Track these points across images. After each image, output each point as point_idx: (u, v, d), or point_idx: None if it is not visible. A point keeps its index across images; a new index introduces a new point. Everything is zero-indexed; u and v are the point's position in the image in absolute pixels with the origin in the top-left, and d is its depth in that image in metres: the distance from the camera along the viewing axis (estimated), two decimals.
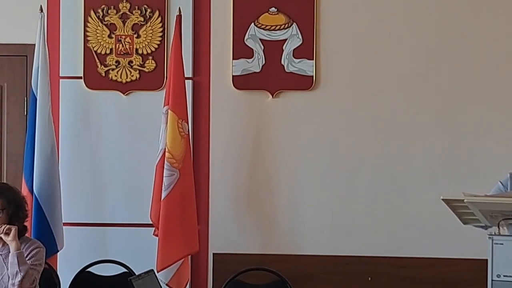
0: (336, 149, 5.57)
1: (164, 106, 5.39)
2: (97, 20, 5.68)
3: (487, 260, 3.99)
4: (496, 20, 5.48)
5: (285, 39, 5.61)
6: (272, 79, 5.60)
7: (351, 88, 5.58)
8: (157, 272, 5.06)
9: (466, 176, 5.42)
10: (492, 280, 3.94)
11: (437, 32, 5.52)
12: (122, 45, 5.68)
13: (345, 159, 5.56)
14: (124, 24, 5.68)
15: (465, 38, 5.51)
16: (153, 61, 5.67)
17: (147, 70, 5.68)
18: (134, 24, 5.67)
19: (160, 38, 5.66)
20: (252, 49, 5.61)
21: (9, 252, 4.66)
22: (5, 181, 5.61)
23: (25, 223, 4.85)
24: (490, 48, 5.48)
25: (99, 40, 5.68)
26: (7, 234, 4.66)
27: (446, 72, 5.51)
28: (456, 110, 5.50)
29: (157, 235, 5.33)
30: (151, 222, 5.40)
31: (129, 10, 5.68)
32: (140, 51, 5.67)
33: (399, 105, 5.54)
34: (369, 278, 5.51)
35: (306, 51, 5.58)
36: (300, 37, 5.59)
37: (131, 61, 5.68)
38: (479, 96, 5.49)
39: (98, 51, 5.68)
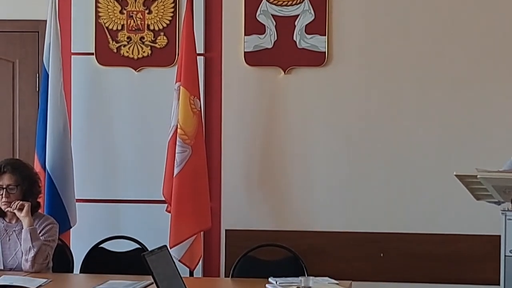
0: (348, 125, 5.55)
1: (176, 83, 5.38)
2: None
3: (499, 236, 3.99)
4: None
5: (297, 15, 5.57)
6: (284, 55, 5.57)
7: (363, 64, 5.54)
8: (170, 248, 5.06)
9: (479, 152, 5.39)
10: (505, 255, 3.94)
11: (453, 8, 5.46)
12: (134, 21, 5.66)
13: (358, 135, 5.54)
14: (135, 0, 5.66)
15: (481, 15, 5.44)
16: (164, 37, 5.65)
17: (158, 46, 5.66)
18: None
19: (171, 14, 5.64)
20: (264, 25, 5.58)
21: (22, 228, 4.69)
22: (17, 157, 5.62)
23: (38, 200, 4.88)
24: (508, 25, 5.42)
25: (111, 16, 5.66)
26: (20, 210, 4.68)
27: (461, 50, 5.45)
28: (470, 88, 5.45)
29: (169, 212, 5.34)
30: (163, 199, 5.41)
31: None
32: (151, 27, 5.65)
33: (412, 82, 5.50)
34: (381, 254, 5.50)
35: (318, 26, 5.54)
36: (312, 12, 5.55)
37: (142, 37, 5.66)
38: (494, 73, 5.43)
39: (110, 27, 5.67)
